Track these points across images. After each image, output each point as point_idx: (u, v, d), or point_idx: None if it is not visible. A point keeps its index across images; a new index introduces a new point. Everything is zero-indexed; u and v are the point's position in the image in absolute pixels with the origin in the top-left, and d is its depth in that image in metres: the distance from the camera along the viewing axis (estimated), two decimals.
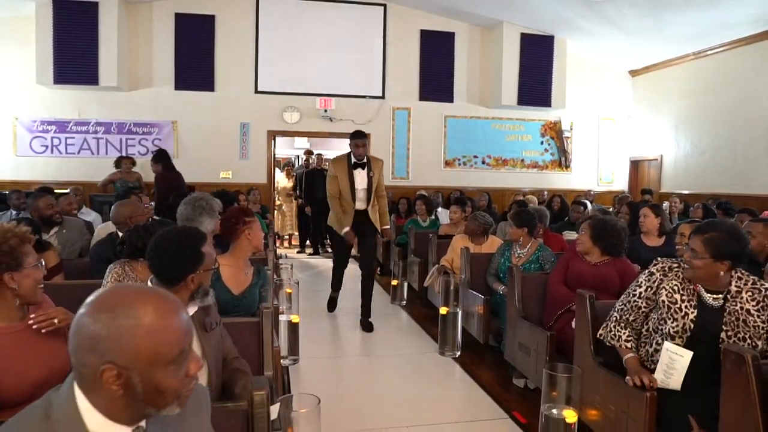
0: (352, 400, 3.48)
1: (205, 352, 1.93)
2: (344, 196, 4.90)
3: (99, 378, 1.00)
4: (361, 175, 4.91)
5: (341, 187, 4.88)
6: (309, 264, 8.48)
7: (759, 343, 2.10)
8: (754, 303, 2.12)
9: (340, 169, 4.89)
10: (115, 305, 1.02)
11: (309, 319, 5.07)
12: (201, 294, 1.94)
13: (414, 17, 9.46)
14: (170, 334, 1.04)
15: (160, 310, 1.05)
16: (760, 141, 7.88)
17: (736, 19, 7.56)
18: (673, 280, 2.26)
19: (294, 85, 9.12)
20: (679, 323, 2.19)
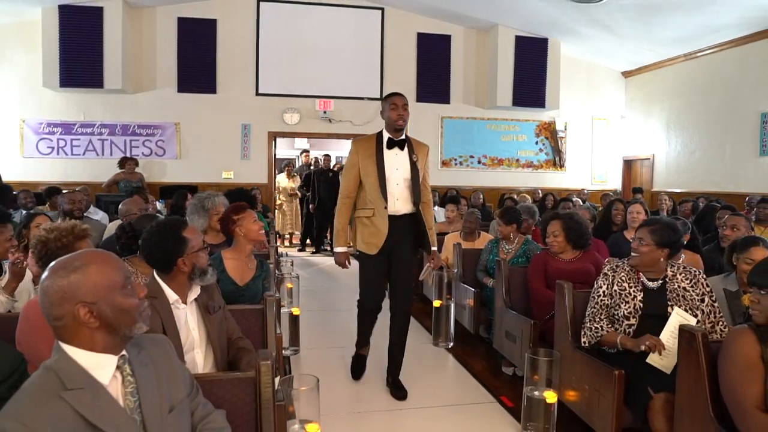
0: (350, 384, 3.70)
1: (209, 333, 2.14)
2: (370, 195, 3.28)
3: (77, 320, 1.30)
4: (401, 159, 3.28)
5: (365, 179, 3.29)
6: (309, 262, 8.70)
7: (698, 312, 2.48)
8: (688, 282, 2.56)
9: (365, 150, 3.29)
10: (64, 263, 1.33)
11: (309, 313, 5.27)
12: (198, 274, 2.13)
13: (411, 20, 9.68)
14: (113, 266, 1.36)
15: (96, 253, 1.38)
16: (748, 141, 8.10)
17: (723, 23, 7.78)
18: (621, 273, 2.63)
19: (294, 87, 9.34)
20: (630, 305, 2.56)
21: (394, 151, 3.28)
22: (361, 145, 3.33)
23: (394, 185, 3.28)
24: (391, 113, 3.22)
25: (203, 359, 2.11)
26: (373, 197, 3.28)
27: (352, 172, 3.34)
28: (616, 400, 2.36)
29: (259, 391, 1.74)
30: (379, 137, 3.32)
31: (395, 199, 3.29)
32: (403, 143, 3.30)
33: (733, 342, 1.85)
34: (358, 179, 3.34)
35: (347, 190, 3.38)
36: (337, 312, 5.71)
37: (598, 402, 2.50)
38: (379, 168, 3.24)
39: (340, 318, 5.52)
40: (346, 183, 3.38)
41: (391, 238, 3.30)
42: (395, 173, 3.28)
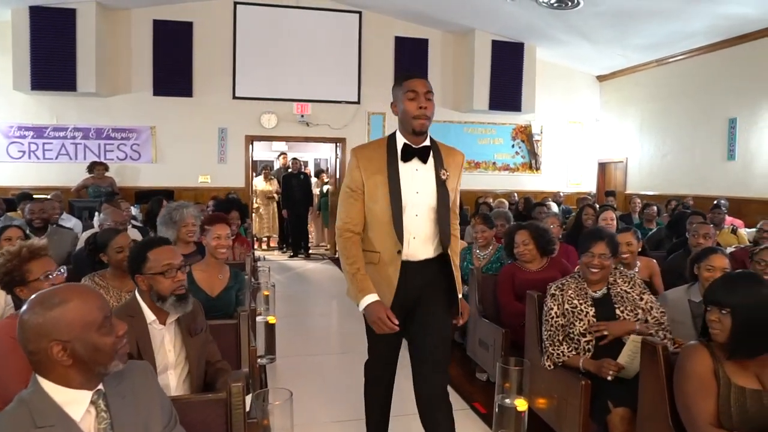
0: (327, 393, 3.73)
1: (188, 355, 2.15)
2: (376, 231, 2.27)
3: (50, 357, 1.31)
4: (423, 177, 2.26)
5: (369, 206, 2.26)
6: (287, 266, 8.70)
7: (639, 311, 2.64)
8: (627, 285, 2.74)
9: (370, 163, 2.25)
10: (42, 299, 1.34)
11: (286, 319, 5.28)
12: (156, 298, 2.09)
13: (388, 24, 9.71)
14: (90, 306, 1.36)
15: (76, 290, 1.39)
16: (717, 145, 8.30)
17: (693, 30, 7.96)
18: (569, 291, 2.72)
19: (271, 91, 9.31)
20: (584, 321, 2.64)
21: (413, 165, 2.22)
22: (364, 156, 2.23)
23: (412, 216, 2.21)
24: (407, 105, 2.15)
25: (177, 381, 2.11)
26: (381, 235, 2.21)
27: (357, 195, 2.23)
28: (582, 410, 2.42)
29: (230, 412, 1.77)
30: (390, 144, 2.25)
31: (412, 237, 2.22)
32: (426, 152, 2.22)
33: (687, 359, 1.91)
34: (363, 205, 2.25)
35: (350, 224, 2.25)
36: (314, 317, 5.73)
37: (566, 411, 2.56)
38: (392, 191, 2.18)
39: (317, 323, 5.54)
40: (346, 212, 2.26)
41: (404, 294, 2.24)
42: (415, 198, 2.21)
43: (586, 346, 2.60)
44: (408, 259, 2.24)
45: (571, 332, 2.66)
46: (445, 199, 2.26)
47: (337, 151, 9.98)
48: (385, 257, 2.24)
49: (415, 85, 2.17)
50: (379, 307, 2.16)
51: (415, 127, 2.17)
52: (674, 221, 5.64)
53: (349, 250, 2.26)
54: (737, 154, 8.00)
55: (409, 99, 2.16)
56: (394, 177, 2.21)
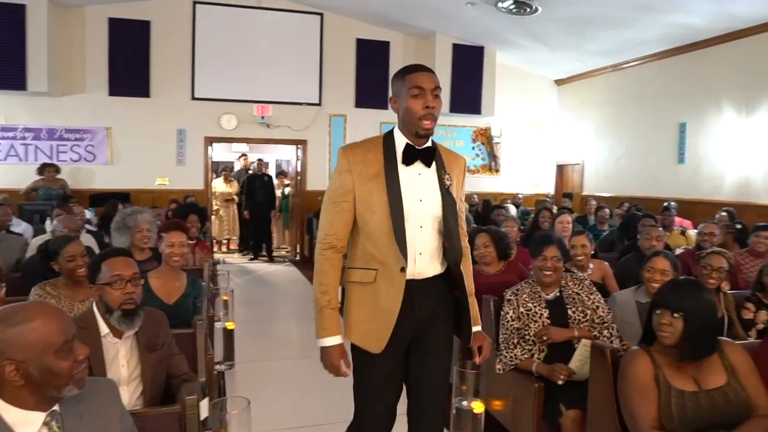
0: (287, 399, 3.71)
1: (143, 370, 2.10)
2: (375, 245, 1.92)
3: (2, 375, 1.28)
4: (426, 182, 1.97)
5: (366, 217, 1.92)
6: (247, 269, 8.61)
7: (588, 311, 2.75)
8: (578, 287, 2.84)
9: (365, 166, 1.93)
10: (5, 315, 1.31)
11: (246, 324, 5.23)
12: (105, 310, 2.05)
13: (350, 26, 9.71)
14: (52, 328, 1.33)
15: (41, 311, 1.35)
16: (669, 148, 8.59)
17: (646, 38, 8.22)
18: (523, 295, 2.80)
19: (231, 92, 9.20)
20: (538, 323, 2.73)
21: (416, 168, 1.92)
22: (357, 157, 1.91)
23: (416, 228, 1.90)
24: (411, 103, 1.84)
25: (129, 398, 2.06)
26: (381, 249, 1.88)
27: (343, 204, 1.91)
28: (535, 412, 2.48)
29: (184, 424, 1.75)
30: (387, 143, 1.95)
31: (418, 252, 1.91)
32: (430, 154, 1.94)
33: (629, 365, 1.98)
34: (352, 216, 1.92)
35: (333, 236, 1.93)
36: (275, 321, 5.70)
37: (520, 412, 2.63)
38: (392, 199, 1.86)
39: (278, 327, 5.51)
40: (329, 223, 1.94)
41: (409, 322, 1.91)
42: (419, 207, 1.91)
43: (541, 347, 2.68)
44: (414, 278, 1.90)
45: (526, 334, 2.74)
46: (453, 208, 1.96)
47: (298, 153, 9.93)
48: (384, 276, 1.87)
49: (421, 80, 1.85)
50: (336, 353, 1.93)
51: (420, 129, 1.86)
52: (625, 223, 5.82)
53: (324, 273, 1.93)
54: (687, 157, 8.30)
55: (414, 96, 1.84)
56: (393, 182, 1.88)
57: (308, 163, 9.77)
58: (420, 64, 1.97)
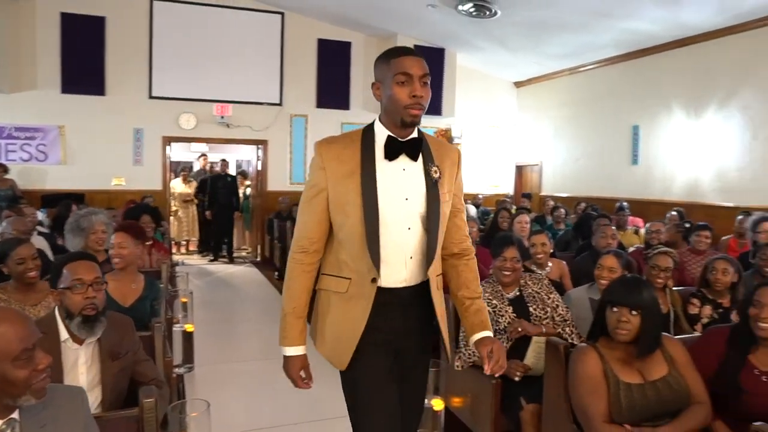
0: (247, 401, 3.69)
1: (102, 378, 2.06)
2: (347, 250, 1.75)
3: None
4: (411, 177, 1.75)
5: (339, 218, 1.74)
6: (207, 270, 8.49)
7: (548, 309, 2.85)
8: (537, 286, 2.94)
9: (339, 162, 1.73)
10: None
11: (206, 326, 5.16)
12: (65, 315, 2.01)
13: (311, 26, 9.68)
14: (12, 335, 1.30)
15: (5, 316, 1.32)
16: (623, 150, 8.85)
17: (601, 43, 8.45)
18: (485, 294, 2.83)
19: (190, 91, 9.05)
20: (506, 317, 2.79)
21: (400, 163, 1.73)
22: (331, 153, 1.72)
23: (403, 230, 1.72)
24: (396, 90, 1.65)
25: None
26: (354, 257, 1.72)
27: (316, 203, 1.74)
28: (493, 407, 2.54)
29: (142, 428, 1.73)
30: (366, 137, 1.75)
31: (408, 256, 1.74)
32: (416, 146, 1.73)
33: (579, 362, 2.05)
34: (327, 217, 1.75)
35: (305, 239, 1.77)
36: (235, 323, 5.64)
37: (479, 409, 2.68)
38: (366, 199, 1.68)
39: (238, 329, 5.46)
40: (303, 224, 1.78)
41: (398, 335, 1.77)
42: (405, 207, 1.72)
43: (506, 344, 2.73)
44: (406, 285, 1.75)
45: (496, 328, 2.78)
46: (436, 204, 1.73)
47: (258, 153, 9.84)
48: (355, 287, 1.72)
49: (408, 65, 1.65)
50: (296, 364, 1.80)
51: (406, 116, 1.66)
52: (579, 223, 5.99)
53: (292, 278, 1.79)
54: (640, 159, 8.57)
55: (399, 83, 1.65)
56: (369, 181, 1.68)
57: (269, 164, 9.70)
58: (407, 46, 1.75)
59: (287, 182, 9.70)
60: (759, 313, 2.07)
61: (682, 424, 1.98)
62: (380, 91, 1.72)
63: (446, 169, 1.79)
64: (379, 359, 1.75)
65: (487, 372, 1.69)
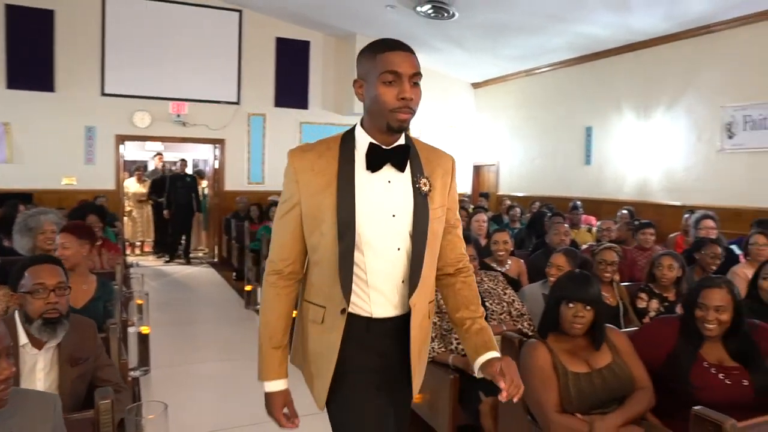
0: (206, 402, 3.65)
1: (60, 383, 2.01)
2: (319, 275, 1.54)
3: None
4: (397, 191, 1.53)
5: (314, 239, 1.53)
6: (163, 271, 8.32)
7: (505, 304, 2.95)
8: (493, 283, 3.06)
9: (313, 174, 1.51)
10: None
11: (162, 328, 5.07)
12: (24, 319, 1.97)
13: (270, 24, 9.60)
14: None
15: None
16: (576, 151, 9.09)
17: (556, 45, 8.66)
18: None
19: (145, 89, 8.84)
20: None
21: (385, 175, 1.52)
22: (304, 162, 1.53)
23: (392, 251, 1.52)
24: (381, 91, 1.44)
25: None
26: (327, 283, 1.52)
27: (290, 220, 1.55)
28: (451, 401, 2.59)
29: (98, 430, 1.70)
30: (345, 144, 1.55)
31: (399, 280, 1.54)
32: (403, 155, 1.53)
33: (529, 357, 2.13)
34: (302, 235, 1.55)
35: (279, 259, 1.57)
36: (192, 324, 5.56)
37: (437, 404, 2.72)
38: (342, 213, 1.47)
39: (195, 331, 5.38)
40: (278, 243, 1.58)
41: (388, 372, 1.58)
42: (391, 225, 1.51)
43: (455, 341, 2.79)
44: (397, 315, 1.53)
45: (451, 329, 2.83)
46: (424, 220, 1.51)
47: (215, 153, 9.70)
48: (329, 316, 1.51)
49: (396, 61, 1.42)
50: (277, 401, 1.60)
51: (393, 121, 1.44)
52: (532, 221, 6.16)
53: (267, 305, 1.58)
54: (593, 159, 8.82)
55: (386, 83, 1.43)
56: (345, 195, 1.47)
57: (226, 163, 9.56)
58: (396, 39, 1.49)
59: (245, 182, 9.59)
60: (705, 315, 2.17)
61: (628, 410, 2.08)
62: (363, 90, 1.51)
63: (438, 180, 1.58)
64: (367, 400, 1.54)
65: (504, 398, 1.43)
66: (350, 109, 9.91)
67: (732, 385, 2.09)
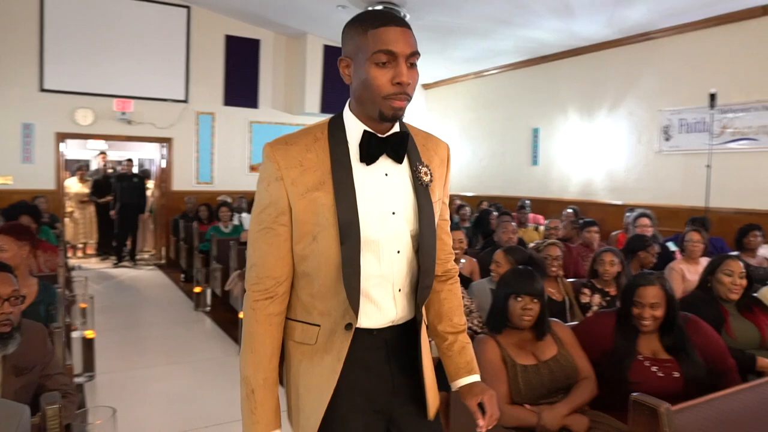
0: (155, 407, 3.56)
1: (2, 395, 1.93)
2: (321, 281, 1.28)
3: None
4: (396, 184, 1.33)
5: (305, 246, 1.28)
6: (108, 274, 8.07)
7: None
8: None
9: (306, 172, 1.27)
10: None
11: (107, 332, 4.92)
12: None
13: (219, 22, 9.44)
14: None
15: None
16: (523, 151, 9.33)
17: (503, 49, 8.87)
18: None
19: (87, 85, 8.54)
20: None
21: (381, 167, 1.32)
22: (290, 157, 1.29)
23: (392, 253, 1.32)
24: (374, 74, 1.23)
25: None
26: (324, 295, 1.30)
27: (278, 229, 1.30)
28: None
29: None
30: (334, 132, 1.34)
31: (396, 288, 1.34)
32: (401, 144, 1.33)
33: (480, 352, 2.20)
34: (288, 244, 1.31)
35: (268, 278, 1.30)
36: (139, 328, 5.42)
37: None
38: (343, 213, 1.26)
39: (142, 334, 5.25)
40: (260, 258, 1.31)
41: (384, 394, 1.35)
42: (391, 224, 1.32)
43: None
44: (393, 324, 1.34)
45: None
46: (430, 216, 1.34)
47: (162, 152, 9.47)
48: (325, 335, 1.29)
49: (391, 40, 1.22)
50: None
51: (386, 109, 1.25)
52: (478, 221, 6.32)
53: (258, 337, 1.28)
54: (539, 159, 9.07)
55: (379, 65, 1.22)
56: (344, 192, 1.26)
57: (174, 163, 9.35)
58: (389, 12, 1.30)
59: (193, 182, 9.40)
60: (641, 312, 2.29)
61: (574, 399, 2.19)
62: (350, 71, 1.29)
63: (435, 170, 1.39)
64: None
65: (482, 430, 1.34)
66: (301, 109, 9.85)
67: (664, 377, 2.21)
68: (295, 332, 1.33)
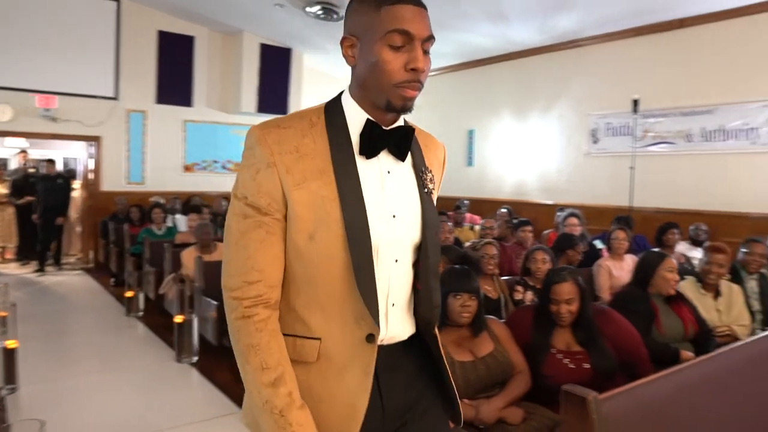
0: (87, 417, 3.41)
1: None
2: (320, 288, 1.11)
3: None
4: (400, 182, 1.17)
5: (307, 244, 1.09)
6: (30, 280, 7.65)
7: None
8: None
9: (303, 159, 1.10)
10: None
11: (30, 342, 4.66)
12: None
13: (151, 17, 9.11)
14: None
15: None
16: (460, 152, 9.53)
17: (442, 51, 9.01)
18: None
19: (6, 79, 8.04)
20: None
21: (382, 163, 1.17)
22: (284, 141, 1.11)
23: (389, 262, 1.16)
24: (386, 57, 1.09)
25: None
26: (328, 304, 1.12)
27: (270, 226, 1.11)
28: None
29: None
30: (332, 119, 1.18)
31: (390, 303, 1.16)
32: (405, 139, 1.18)
33: None
34: (282, 242, 1.12)
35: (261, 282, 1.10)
36: (67, 336, 5.18)
37: None
38: (351, 213, 1.09)
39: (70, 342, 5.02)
40: (248, 258, 1.10)
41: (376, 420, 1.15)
42: (392, 228, 1.16)
43: None
44: (383, 344, 1.15)
45: None
46: (436, 226, 1.21)
47: (90, 151, 9.06)
48: (335, 350, 1.12)
49: (409, 19, 1.10)
50: None
51: (396, 101, 1.11)
52: None
53: (262, 348, 1.08)
54: (475, 160, 9.30)
55: (393, 47, 1.09)
56: (351, 186, 1.11)
57: (103, 162, 8.96)
58: None
59: (123, 182, 9.02)
60: (558, 309, 2.41)
61: (510, 392, 2.28)
62: (355, 51, 1.15)
63: (435, 175, 1.27)
64: None
65: None
66: (237, 108, 9.68)
67: (575, 369, 2.33)
68: (292, 349, 1.13)
